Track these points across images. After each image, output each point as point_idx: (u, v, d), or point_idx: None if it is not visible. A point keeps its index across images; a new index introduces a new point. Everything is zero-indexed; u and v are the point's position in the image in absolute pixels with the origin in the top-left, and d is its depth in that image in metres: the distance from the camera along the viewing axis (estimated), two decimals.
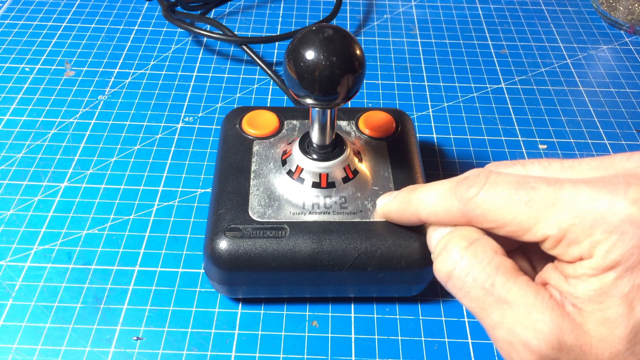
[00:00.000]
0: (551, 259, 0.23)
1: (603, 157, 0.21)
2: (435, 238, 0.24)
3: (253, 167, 0.31)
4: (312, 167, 0.30)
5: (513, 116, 0.43)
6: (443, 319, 0.31)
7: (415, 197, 0.25)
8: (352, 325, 0.30)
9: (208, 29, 0.48)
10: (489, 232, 0.23)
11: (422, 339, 0.30)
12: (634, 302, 0.18)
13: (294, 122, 0.34)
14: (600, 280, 0.19)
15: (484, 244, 0.21)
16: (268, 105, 0.43)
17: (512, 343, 0.20)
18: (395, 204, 0.27)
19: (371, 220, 0.29)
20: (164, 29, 0.51)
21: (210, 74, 0.46)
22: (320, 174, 0.30)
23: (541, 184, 0.20)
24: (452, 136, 0.41)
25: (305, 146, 0.31)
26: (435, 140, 0.41)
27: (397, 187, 0.31)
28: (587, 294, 0.19)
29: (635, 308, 0.18)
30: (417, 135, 0.40)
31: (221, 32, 0.46)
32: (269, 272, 0.28)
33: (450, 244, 0.22)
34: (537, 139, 0.41)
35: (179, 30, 0.50)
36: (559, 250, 0.20)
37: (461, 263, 0.21)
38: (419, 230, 0.29)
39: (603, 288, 0.19)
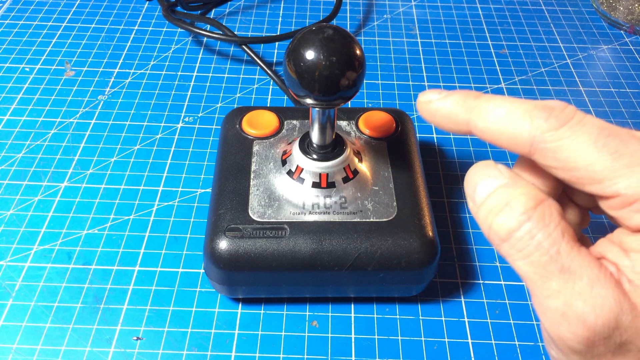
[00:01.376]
0: (579, 215, 0.22)
1: None
2: (486, 189, 0.21)
3: (253, 167, 0.31)
4: (312, 167, 0.30)
5: None
6: (443, 319, 0.31)
7: (480, 104, 0.22)
8: (352, 325, 0.30)
9: (208, 29, 0.48)
10: (533, 172, 0.21)
11: (422, 339, 0.30)
12: None
13: (294, 122, 0.34)
14: None
15: (551, 207, 0.20)
16: (268, 105, 0.43)
17: (567, 315, 0.18)
18: (448, 104, 0.23)
19: (371, 220, 0.29)
20: (164, 29, 0.51)
21: (210, 74, 0.46)
22: (320, 174, 0.30)
23: (632, 140, 0.19)
24: (452, 136, 0.41)
25: (305, 146, 0.31)
26: (435, 140, 0.41)
27: (397, 187, 0.31)
28: None
29: None
30: (417, 135, 0.40)
31: (221, 32, 0.46)
32: (269, 272, 0.28)
33: (515, 201, 0.20)
34: None
35: (179, 30, 0.50)
36: (625, 214, 0.19)
37: (527, 224, 0.19)
38: (419, 231, 0.29)
39: None
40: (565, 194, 0.23)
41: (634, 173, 0.18)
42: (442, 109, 0.23)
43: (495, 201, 0.20)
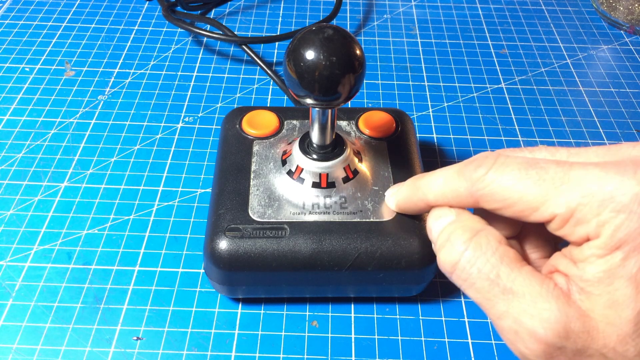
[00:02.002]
0: (547, 246, 0.23)
1: (609, 146, 0.21)
2: (436, 229, 0.23)
3: (253, 167, 0.31)
4: (312, 167, 0.30)
5: (513, 116, 0.43)
6: (443, 319, 0.31)
7: (423, 182, 0.25)
8: (352, 325, 0.30)
9: (208, 29, 0.48)
10: (490, 217, 0.23)
11: (422, 339, 0.30)
12: None
13: (294, 122, 0.34)
14: (607, 261, 0.19)
15: (488, 235, 0.21)
16: (268, 105, 0.43)
17: (518, 332, 0.20)
18: (403, 192, 0.27)
19: (371, 220, 0.29)
20: (164, 29, 0.51)
21: (210, 74, 0.46)
22: (320, 174, 0.30)
23: (551, 165, 0.20)
24: (452, 136, 0.41)
25: (305, 146, 0.31)
26: (435, 140, 0.41)
27: None
28: (595, 276, 0.19)
29: None
30: (417, 135, 0.40)
31: (221, 32, 0.46)
32: (269, 272, 0.28)
33: (453, 235, 0.22)
34: (537, 139, 0.41)
35: (179, 30, 0.50)
36: (566, 231, 0.20)
37: (466, 255, 0.21)
38: (419, 231, 0.29)
39: (611, 269, 0.19)
40: (547, 239, 0.24)
41: (560, 192, 0.19)
42: (401, 198, 0.28)
43: (441, 238, 0.23)
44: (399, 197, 0.28)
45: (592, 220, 0.19)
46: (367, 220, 0.29)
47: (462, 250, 0.21)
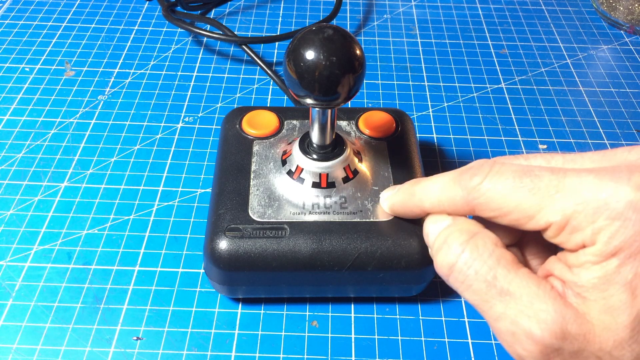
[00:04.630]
0: (547, 253, 0.23)
1: (605, 151, 0.21)
2: (433, 232, 0.24)
3: (253, 167, 0.31)
4: (312, 167, 0.30)
5: (513, 116, 0.43)
6: (443, 319, 0.31)
7: (419, 188, 0.25)
8: (352, 325, 0.30)
9: (208, 29, 0.48)
10: (489, 225, 0.23)
11: (422, 339, 0.30)
12: (637, 290, 0.18)
13: (294, 122, 0.34)
14: (603, 267, 0.19)
15: (484, 237, 0.22)
16: (268, 105, 0.43)
17: (516, 334, 0.20)
18: (398, 197, 0.27)
19: (371, 220, 0.29)
20: (164, 29, 0.51)
21: (210, 74, 0.46)
22: (320, 174, 0.30)
23: (545, 172, 0.20)
24: (452, 136, 0.41)
25: (305, 146, 0.31)
26: (435, 140, 0.41)
27: None
28: (590, 282, 0.19)
29: (638, 295, 0.18)
30: (417, 135, 0.40)
31: (221, 32, 0.46)
32: (269, 272, 0.28)
33: (450, 238, 0.22)
34: (537, 139, 0.41)
35: (179, 30, 0.50)
36: (562, 238, 0.20)
37: (462, 257, 0.21)
38: (419, 231, 0.29)
39: (606, 275, 0.19)
40: (547, 245, 0.24)
41: (555, 201, 0.19)
42: (396, 202, 0.28)
43: (438, 241, 0.23)
44: (394, 200, 0.28)
45: (588, 228, 0.19)
46: (367, 220, 0.29)
47: (459, 252, 0.21)
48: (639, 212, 0.18)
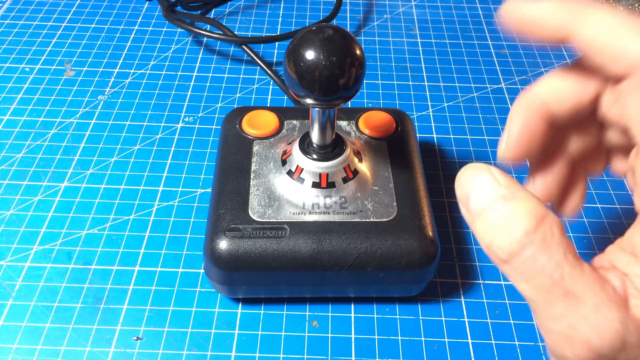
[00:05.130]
0: (593, 134, 0.22)
1: None
2: (483, 199, 0.19)
3: (253, 167, 0.31)
4: (312, 167, 0.30)
5: None
6: (443, 319, 0.31)
7: (587, 11, 0.21)
8: (352, 325, 0.30)
9: (208, 29, 0.48)
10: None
11: (422, 339, 0.30)
12: None
13: (294, 122, 0.34)
14: None
15: (552, 224, 0.18)
16: (268, 105, 0.43)
17: (571, 338, 0.18)
18: (548, 7, 0.22)
19: (371, 220, 0.29)
20: (164, 29, 0.51)
21: (210, 74, 0.46)
22: (320, 174, 0.30)
23: None
24: (452, 136, 0.41)
25: (305, 146, 0.31)
26: (435, 140, 0.41)
27: (397, 187, 0.31)
28: None
29: None
30: (417, 135, 0.40)
31: (221, 32, 0.46)
32: (269, 272, 0.28)
33: (516, 221, 0.18)
34: None
35: (179, 30, 0.50)
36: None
37: (530, 248, 0.18)
38: (419, 230, 0.29)
39: None
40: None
41: None
42: (539, 12, 0.22)
43: (493, 218, 0.19)
44: (537, 10, 0.22)
45: None
46: (367, 220, 0.29)
47: (526, 242, 0.18)
48: None
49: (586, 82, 0.22)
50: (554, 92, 0.23)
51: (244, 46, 0.46)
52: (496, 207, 0.19)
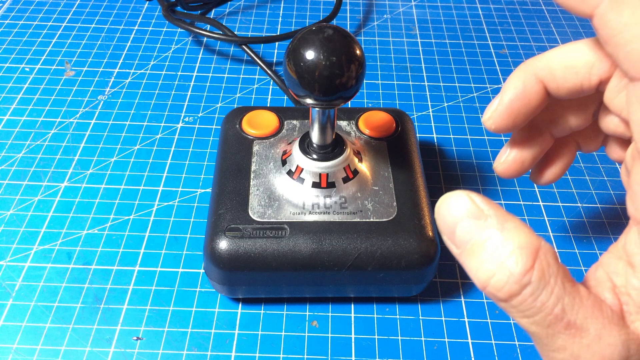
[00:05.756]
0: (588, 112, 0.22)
1: None
2: (469, 234, 0.18)
3: (253, 167, 0.31)
4: (312, 167, 0.30)
5: None
6: (443, 319, 0.31)
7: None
8: (352, 325, 0.30)
9: (208, 29, 0.48)
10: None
11: (422, 339, 0.30)
12: None
13: (294, 122, 0.34)
14: None
15: (547, 255, 0.18)
16: (268, 105, 0.43)
17: None
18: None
19: (371, 220, 0.29)
20: (164, 29, 0.51)
21: (210, 74, 0.46)
22: (320, 174, 0.30)
23: None
24: (452, 136, 0.41)
25: (305, 146, 0.31)
26: (435, 140, 0.41)
27: (397, 187, 0.31)
28: None
29: None
30: (417, 135, 0.40)
31: (221, 32, 0.46)
32: (269, 272, 0.28)
33: (510, 260, 0.17)
34: None
35: (179, 30, 0.50)
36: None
37: (529, 287, 0.17)
38: (419, 230, 0.29)
39: None
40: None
41: None
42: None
43: (485, 257, 0.18)
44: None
45: None
46: (367, 220, 0.29)
47: (525, 282, 0.17)
48: None
49: (598, 63, 0.21)
50: (562, 65, 0.21)
51: (244, 46, 0.46)
52: (487, 244, 0.18)
